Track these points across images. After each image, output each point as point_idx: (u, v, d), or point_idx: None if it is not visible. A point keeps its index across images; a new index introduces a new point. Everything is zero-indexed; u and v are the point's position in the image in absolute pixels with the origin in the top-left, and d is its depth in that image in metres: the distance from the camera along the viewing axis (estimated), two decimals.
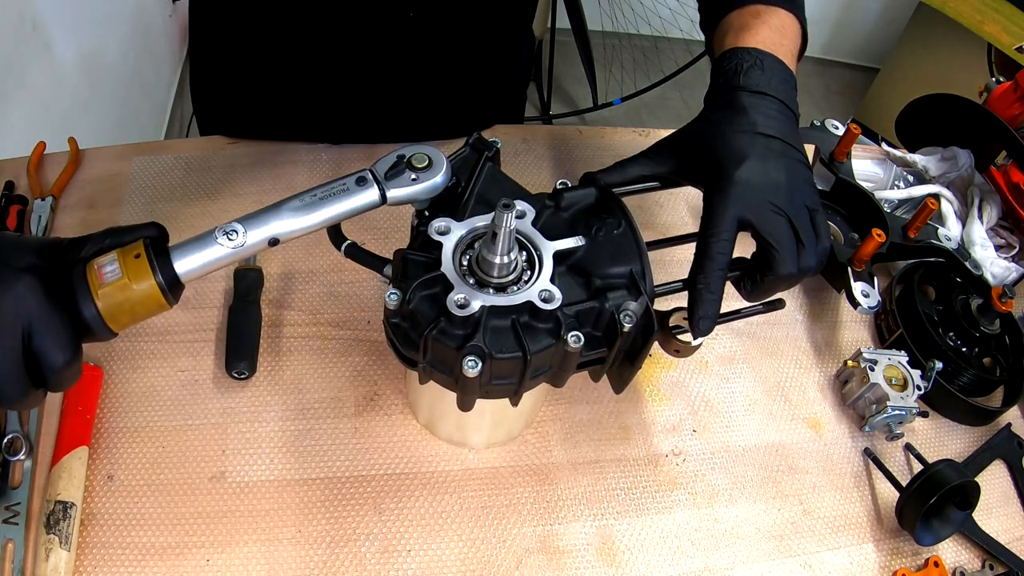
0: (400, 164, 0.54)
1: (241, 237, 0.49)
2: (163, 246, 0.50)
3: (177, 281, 0.49)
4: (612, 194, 0.59)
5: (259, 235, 0.50)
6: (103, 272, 0.47)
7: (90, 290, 0.47)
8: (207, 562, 0.61)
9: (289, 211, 0.51)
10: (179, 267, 0.49)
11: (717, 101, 0.61)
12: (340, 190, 0.53)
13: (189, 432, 0.67)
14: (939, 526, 0.69)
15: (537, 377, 0.54)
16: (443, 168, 0.54)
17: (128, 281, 0.47)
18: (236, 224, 0.49)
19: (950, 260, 0.83)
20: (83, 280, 0.47)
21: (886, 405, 0.74)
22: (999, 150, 0.94)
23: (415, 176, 0.54)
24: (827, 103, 2.94)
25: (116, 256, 0.48)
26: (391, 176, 0.54)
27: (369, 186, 0.53)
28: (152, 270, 0.47)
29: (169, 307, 0.50)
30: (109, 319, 0.47)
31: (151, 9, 1.98)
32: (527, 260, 0.54)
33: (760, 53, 0.62)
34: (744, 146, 0.57)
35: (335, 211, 0.52)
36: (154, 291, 0.48)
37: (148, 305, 0.48)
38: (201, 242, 0.49)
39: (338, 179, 0.53)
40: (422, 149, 0.55)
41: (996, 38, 2.05)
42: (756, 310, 0.64)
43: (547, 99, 2.61)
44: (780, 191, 0.56)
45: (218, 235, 0.49)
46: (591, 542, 0.67)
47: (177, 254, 0.49)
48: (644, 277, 0.55)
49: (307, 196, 0.52)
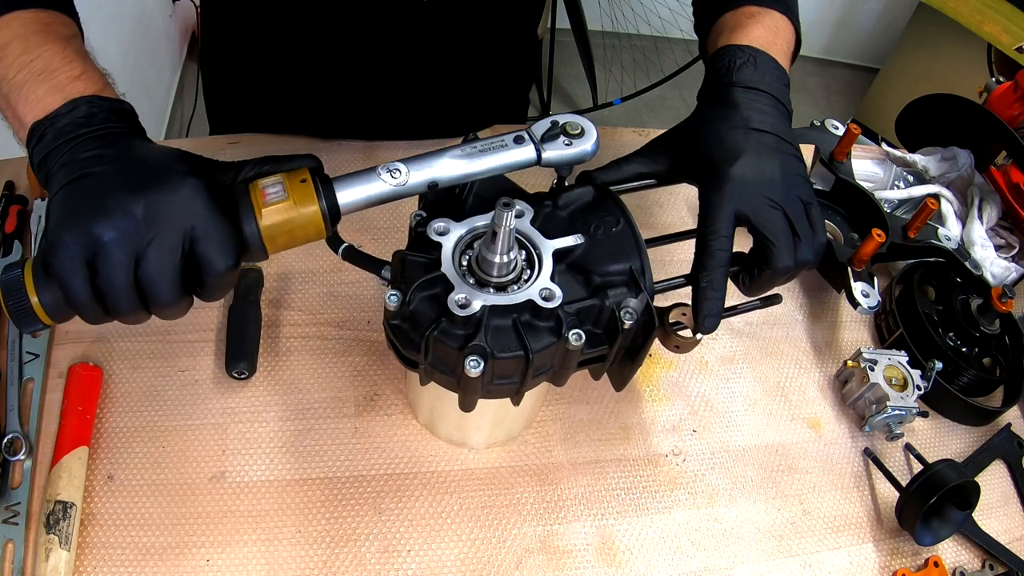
0: (555, 129, 0.55)
1: (403, 176, 0.50)
2: (325, 176, 0.51)
3: (338, 210, 0.50)
4: (610, 192, 0.59)
5: (421, 176, 0.51)
6: (267, 192, 0.48)
7: (253, 207, 0.48)
8: (207, 562, 0.61)
9: (451, 157, 0.52)
10: (341, 197, 0.50)
11: (711, 98, 0.62)
12: (499, 145, 0.54)
13: (189, 432, 0.67)
14: (939, 526, 0.69)
15: (539, 376, 0.54)
16: (594, 137, 0.56)
17: (293, 203, 0.48)
18: (399, 163, 0.50)
19: (950, 260, 0.83)
20: (247, 197, 0.48)
21: (886, 405, 0.74)
22: (999, 150, 0.94)
23: (568, 141, 0.55)
24: (827, 103, 2.94)
25: (281, 179, 0.49)
26: (547, 139, 0.55)
27: (526, 144, 0.54)
28: (317, 195, 0.49)
29: (327, 235, 0.51)
30: (268, 239, 0.48)
31: (151, 9, 1.99)
32: (526, 259, 0.54)
33: (753, 50, 0.62)
34: (738, 142, 0.57)
35: (495, 163, 0.53)
36: (316, 216, 0.49)
37: (308, 230, 0.49)
38: (364, 176, 0.50)
39: (496, 136, 0.54)
40: (574, 119, 0.56)
41: (996, 38, 2.05)
42: (754, 305, 0.64)
43: (547, 99, 2.61)
44: (775, 186, 0.56)
45: (381, 172, 0.50)
46: (591, 542, 0.67)
47: (340, 185, 0.50)
48: (644, 274, 0.55)
49: (467, 147, 0.53)
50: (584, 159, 0.56)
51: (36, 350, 0.68)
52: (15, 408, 0.64)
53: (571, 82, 2.74)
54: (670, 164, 0.62)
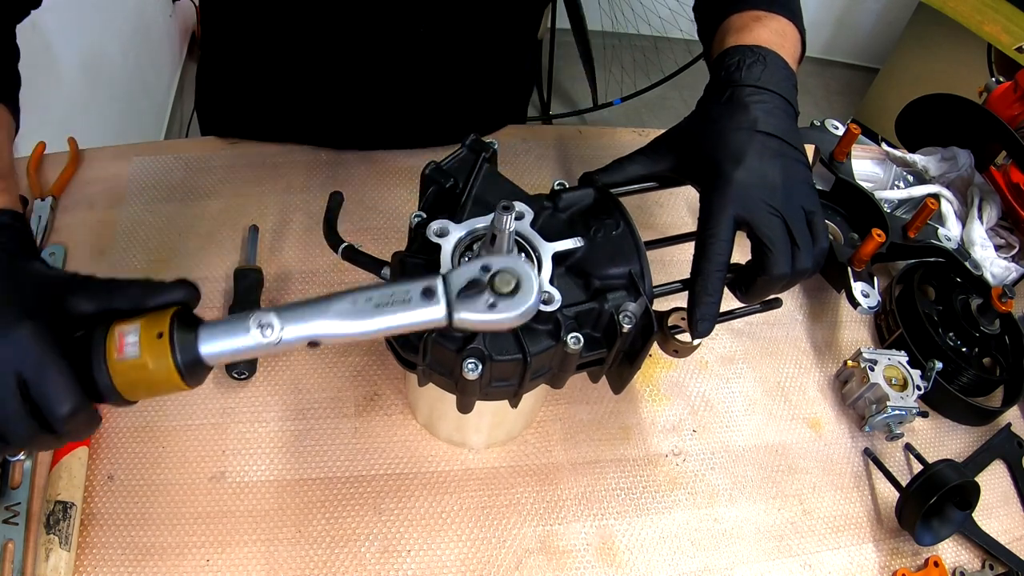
0: (480, 283, 0.45)
1: (276, 333, 0.44)
2: (193, 321, 0.45)
3: (200, 363, 0.45)
4: (610, 195, 0.59)
5: (297, 333, 0.44)
6: (125, 343, 0.44)
7: (106, 359, 0.43)
8: (207, 562, 0.61)
9: (336, 313, 0.44)
10: (204, 349, 0.44)
11: (717, 96, 0.61)
12: (401, 299, 0.45)
13: (189, 432, 0.67)
14: (939, 526, 0.69)
15: (537, 379, 0.54)
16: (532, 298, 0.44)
17: (145, 361, 0.43)
18: (273, 317, 0.44)
19: (950, 260, 0.83)
20: (101, 345, 0.43)
21: (886, 405, 0.74)
22: (999, 150, 0.94)
23: (494, 302, 0.44)
24: (827, 103, 2.94)
25: (139, 327, 0.44)
26: (466, 295, 0.44)
27: (435, 302, 0.44)
28: (173, 355, 0.43)
29: (190, 389, 0.46)
30: (125, 391, 0.44)
31: (151, 9, 1.98)
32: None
33: (762, 50, 0.61)
34: (742, 145, 0.57)
35: (389, 323, 0.44)
36: (173, 376, 0.44)
37: (166, 387, 0.45)
38: (233, 328, 0.44)
39: (401, 283, 0.45)
40: (512, 265, 0.45)
41: (996, 38, 2.05)
42: (754, 309, 0.64)
43: (547, 99, 2.61)
44: (776, 192, 0.56)
45: (251, 325, 0.44)
46: (591, 542, 0.67)
47: (205, 335, 0.44)
48: (643, 278, 0.55)
49: (361, 298, 0.45)
50: (511, 326, 0.44)
51: None
52: None
53: (571, 82, 2.74)
54: (673, 164, 0.62)
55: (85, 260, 0.76)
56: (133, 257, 0.77)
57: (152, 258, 0.77)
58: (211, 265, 0.77)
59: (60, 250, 0.75)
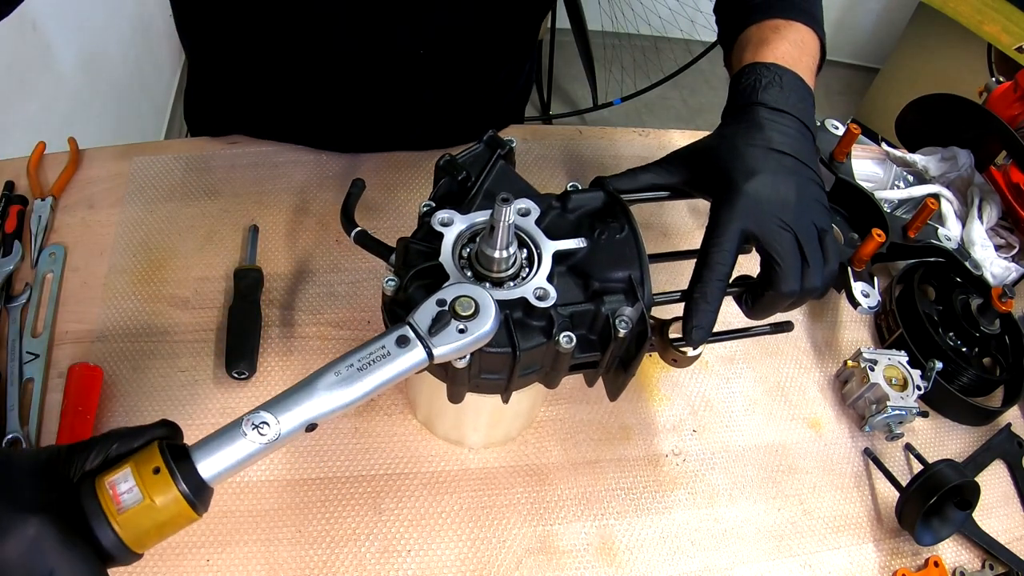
0: (444, 315, 0.47)
1: (274, 429, 0.43)
2: (181, 449, 0.43)
3: (205, 489, 0.43)
4: (619, 199, 0.59)
5: (293, 421, 0.44)
6: (119, 493, 0.41)
7: (107, 516, 0.40)
8: (207, 562, 0.61)
9: (324, 389, 0.44)
10: (204, 471, 0.42)
11: (734, 116, 0.61)
12: (380, 355, 0.46)
13: (189, 432, 0.66)
14: (939, 526, 0.69)
15: (528, 375, 0.54)
16: (492, 313, 0.47)
17: (151, 502, 0.41)
18: (265, 414, 0.43)
19: (950, 260, 0.83)
20: (95, 502, 0.41)
21: (886, 405, 0.74)
22: (999, 150, 0.94)
23: (462, 327, 0.47)
24: (827, 103, 2.94)
25: (131, 471, 0.41)
26: (435, 330, 0.47)
27: (412, 346, 0.46)
28: (176, 483, 0.41)
29: (199, 518, 0.43)
30: (134, 544, 0.41)
31: (151, 9, 1.98)
32: (527, 258, 0.54)
33: (779, 69, 0.61)
34: (756, 161, 0.56)
35: (378, 379, 0.45)
36: (183, 508, 0.42)
37: (178, 522, 0.42)
38: (227, 438, 0.43)
39: (375, 341, 0.46)
40: (465, 291, 0.48)
41: (996, 38, 2.05)
42: (763, 330, 0.63)
43: (547, 99, 2.61)
44: (788, 208, 0.55)
45: (246, 429, 0.43)
46: (591, 542, 0.67)
47: (200, 454, 0.43)
48: (643, 284, 0.55)
49: (343, 367, 0.45)
50: (485, 341, 0.47)
51: (36, 350, 0.68)
52: (15, 408, 0.64)
53: (571, 82, 2.74)
54: (686, 177, 0.62)
55: (85, 260, 0.76)
56: (133, 257, 0.77)
57: (152, 258, 0.77)
58: (211, 265, 0.77)
59: (60, 250, 0.75)
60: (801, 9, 0.67)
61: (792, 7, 0.66)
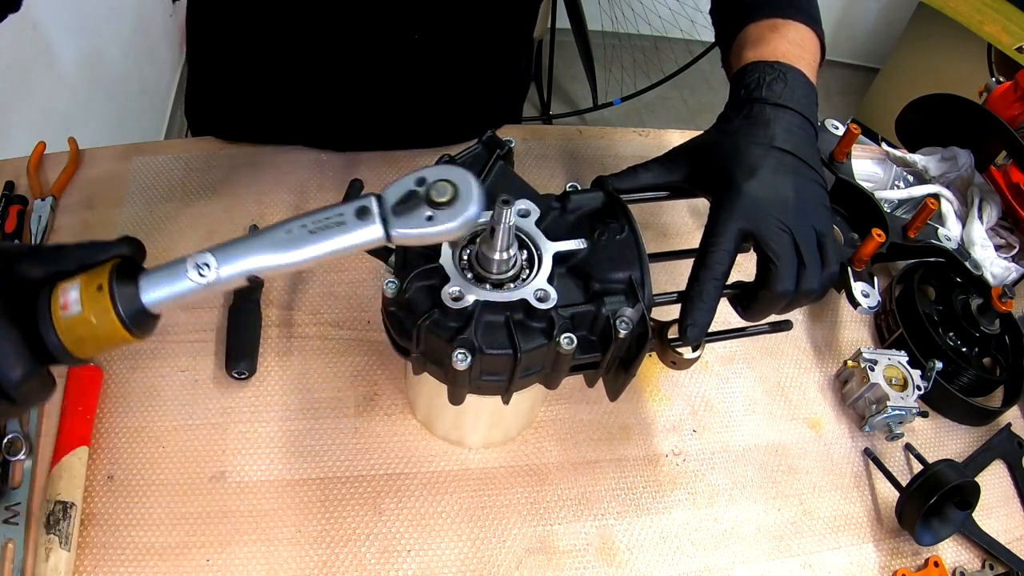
0: (415, 196, 0.43)
1: (213, 272, 0.43)
2: (133, 271, 0.44)
3: (144, 313, 0.44)
4: (619, 199, 0.59)
5: (234, 269, 0.43)
6: (68, 300, 0.43)
7: (52, 319, 0.42)
8: (207, 562, 0.61)
9: (271, 244, 0.44)
10: (146, 298, 0.43)
11: (736, 112, 0.60)
12: (335, 222, 0.44)
13: (189, 432, 0.67)
14: (939, 526, 0.69)
15: (528, 376, 0.54)
16: (473, 205, 0.43)
17: (89, 316, 0.42)
18: (209, 256, 0.43)
19: (950, 260, 0.83)
20: (47, 305, 0.43)
21: (886, 405, 0.74)
22: (999, 150, 0.94)
23: (431, 214, 0.43)
24: (827, 103, 2.93)
25: (80, 284, 0.43)
26: (402, 210, 0.43)
27: (371, 221, 0.43)
28: (114, 306, 0.42)
29: (138, 341, 0.44)
30: (74, 349, 0.43)
31: (151, 9, 1.98)
32: (527, 259, 0.54)
33: (783, 66, 0.60)
34: (757, 159, 0.56)
35: (326, 248, 0.43)
36: (116, 327, 0.43)
37: (113, 339, 0.44)
38: (171, 272, 0.44)
39: (336, 206, 0.44)
40: (449, 174, 0.44)
41: (996, 38, 2.05)
42: (761, 329, 0.63)
43: (547, 99, 2.61)
44: (787, 207, 0.55)
45: (189, 268, 0.43)
46: (591, 542, 0.67)
47: (145, 283, 0.44)
48: (643, 284, 0.54)
49: (295, 226, 0.44)
50: (453, 236, 0.43)
51: None
52: None
53: (571, 82, 2.74)
54: (687, 174, 0.61)
55: None
56: None
57: (152, 258, 0.77)
58: None
59: None
60: (799, 8, 0.66)
61: (790, 6, 0.66)
